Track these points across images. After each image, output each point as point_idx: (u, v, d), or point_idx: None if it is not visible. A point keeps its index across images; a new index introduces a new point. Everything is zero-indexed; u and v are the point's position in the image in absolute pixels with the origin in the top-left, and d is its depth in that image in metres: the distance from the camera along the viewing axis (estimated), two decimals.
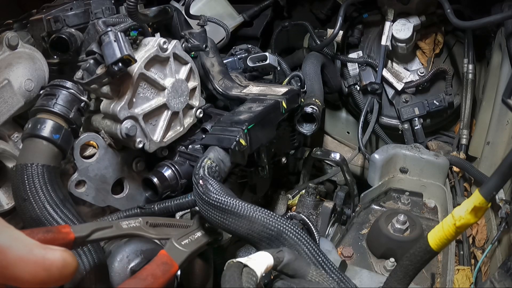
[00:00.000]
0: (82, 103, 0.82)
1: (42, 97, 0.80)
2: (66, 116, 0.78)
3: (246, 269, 0.53)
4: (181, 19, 1.11)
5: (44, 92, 0.81)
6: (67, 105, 0.79)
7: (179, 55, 0.93)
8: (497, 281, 0.72)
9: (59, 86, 0.80)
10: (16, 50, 0.86)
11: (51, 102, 0.78)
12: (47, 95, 0.80)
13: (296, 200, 1.40)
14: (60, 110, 0.77)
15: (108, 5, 0.98)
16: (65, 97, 0.80)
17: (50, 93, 0.80)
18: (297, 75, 1.22)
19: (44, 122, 0.76)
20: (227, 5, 1.70)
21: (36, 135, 0.74)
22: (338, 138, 1.81)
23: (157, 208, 0.82)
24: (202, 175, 0.73)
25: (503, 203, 1.07)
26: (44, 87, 0.82)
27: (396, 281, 0.61)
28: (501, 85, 1.26)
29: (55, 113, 0.77)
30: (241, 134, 0.84)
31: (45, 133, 0.74)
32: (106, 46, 0.76)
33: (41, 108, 0.78)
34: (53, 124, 0.76)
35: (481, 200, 0.52)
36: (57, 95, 0.79)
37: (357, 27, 1.59)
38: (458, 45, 1.53)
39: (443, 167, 1.28)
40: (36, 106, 0.79)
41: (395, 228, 1.07)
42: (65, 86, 0.80)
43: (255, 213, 0.64)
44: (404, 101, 1.52)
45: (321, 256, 0.63)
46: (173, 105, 0.92)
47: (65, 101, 0.79)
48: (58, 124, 0.77)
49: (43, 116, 0.76)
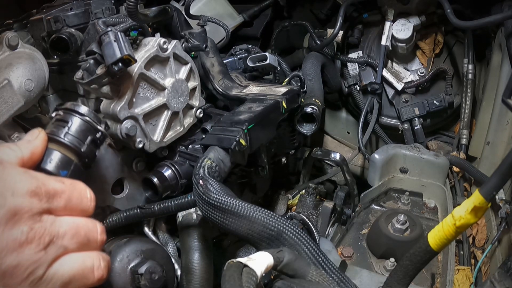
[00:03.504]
0: (98, 134, 0.71)
1: (54, 121, 0.69)
2: (77, 149, 0.67)
3: (246, 269, 0.53)
4: (181, 19, 1.11)
5: (56, 116, 0.70)
6: (80, 135, 0.68)
7: (179, 55, 0.93)
8: (497, 281, 0.72)
9: (73, 111, 0.69)
10: (16, 50, 0.86)
11: (62, 131, 0.67)
12: (59, 120, 0.69)
13: (296, 200, 1.40)
14: (71, 142, 0.66)
15: (108, 5, 0.98)
16: (78, 125, 0.68)
17: (62, 119, 0.69)
18: (297, 75, 1.22)
19: (51, 154, 0.64)
20: (227, 5, 1.69)
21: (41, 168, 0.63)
22: (338, 138, 1.81)
23: (157, 208, 0.82)
24: (202, 175, 0.73)
25: (503, 203, 1.07)
26: (57, 109, 0.71)
27: (396, 281, 0.61)
28: (501, 85, 1.26)
29: (65, 145, 0.66)
30: (241, 134, 0.84)
31: (51, 168, 0.63)
32: (106, 46, 0.76)
33: (50, 136, 0.66)
34: (62, 157, 0.65)
35: (481, 200, 0.52)
36: (69, 123, 0.68)
37: (357, 27, 1.59)
38: (458, 45, 1.53)
39: (443, 167, 1.28)
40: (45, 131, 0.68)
41: (395, 228, 1.07)
42: (80, 112, 0.69)
43: (255, 213, 0.64)
44: (404, 101, 1.52)
45: (321, 256, 0.63)
46: (173, 105, 0.92)
47: (78, 130, 0.68)
48: (67, 158, 0.65)
49: (51, 147, 0.65)
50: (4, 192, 0.43)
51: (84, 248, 0.51)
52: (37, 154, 0.57)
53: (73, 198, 0.52)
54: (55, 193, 0.49)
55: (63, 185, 0.51)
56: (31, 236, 0.44)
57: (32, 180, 0.47)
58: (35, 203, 0.46)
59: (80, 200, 0.53)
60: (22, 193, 0.45)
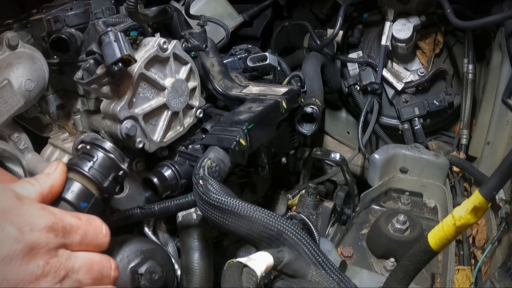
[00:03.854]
0: (121, 172, 0.71)
1: (79, 154, 0.70)
2: (99, 184, 0.67)
3: (246, 269, 0.53)
4: (181, 19, 1.11)
5: (82, 149, 0.71)
6: (104, 171, 0.68)
7: (179, 55, 0.93)
8: (497, 281, 0.72)
9: (99, 147, 0.70)
10: (16, 50, 0.86)
11: (87, 165, 0.67)
12: (84, 153, 0.70)
13: (296, 200, 1.40)
14: (94, 176, 0.66)
15: (108, 5, 0.98)
16: (103, 161, 0.69)
17: (88, 152, 0.69)
18: (297, 75, 1.22)
19: (72, 185, 0.64)
20: (227, 5, 1.69)
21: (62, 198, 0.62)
22: (338, 138, 1.81)
23: (157, 208, 0.82)
24: (202, 175, 0.73)
25: (503, 203, 1.07)
26: (84, 142, 0.71)
27: (396, 281, 0.61)
28: (501, 85, 1.26)
29: (88, 178, 0.66)
30: (241, 134, 0.84)
31: (72, 198, 0.63)
32: (106, 46, 0.76)
33: (74, 167, 0.66)
34: (83, 189, 0.65)
35: (481, 200, 0.52)
36: (95, 157, 0.68)
37: (357, 27, 1.59)
38: (458, 45, 1.53)
39: (443, 167, 1.28)
40: (69, 162, 0.68)
41: (395, 228, 1.07)
42: (106, 149, 0.70)
43: (255, 213, 0.64)
44: (404, 101, 1.52)
45: (321, 256, 0.63)
46: (173, 105, 0.92)
47: (102, 166, 0.68)
48: (89, 191, 0.65)
49: (74, 177, 0.65)
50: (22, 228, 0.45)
51: (97, 283, 0.53)
52: (56, 187, 0.58)
53: (89, 234, 0.54)
54: (71, 229, 0.51)
55: (79, 221, 0.53)
56: (47, 270, 0.46)
57: (50, 216, 0.49)
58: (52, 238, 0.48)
59: (96, 236, 0.55)
60: (40, 229, 0.47)
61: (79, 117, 0.99)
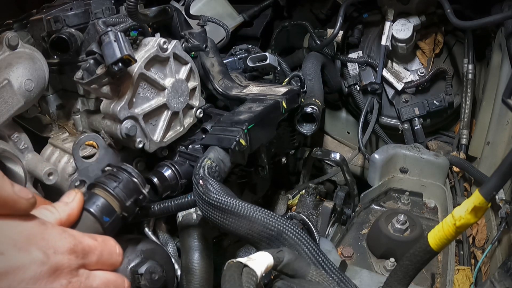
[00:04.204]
0: (141, 196, 0.76)
1: (106, 175, 0.76)
2: (122, 202, 0.72)
3: (246, 269, 0.53)
4: (181, 19, 1.11)
5: (109, 171, 0.77)
6: (127, 192, 0.73)
7: (179, 55, 0.93)
8: (497, 281, 0.72)
9: (125, 171, 0.76)
10: (16, 50, 0.86)
11: (112, 184, 0.73)
12: (111, 175, 0.75)
13: (296, 200, 1.40)
14: (118, 194, 0.72)
15: (108, 5, 0.98)
16: (127, 183, 0.74)
17: (114, 174, 0.75)
18: (297, 75, 1.22)
19: (98, 200, 0.69)
20: (227, 5, 1.70)
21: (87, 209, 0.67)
22: (338, 138, 1.81)
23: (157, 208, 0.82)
24: (202, 175, 0.73)
25: (503, 203, 1.07)
26: (111, 166, 0.78)
27: (396, 281, 0.61)
28: (501, 85, 1.26)
29: (113, 195, 0.71)
30: (241, 134, 0.84)
31: (96, 211, 0.67)
32: (106, 46, 0.76)
33: (100, 184, 0.72)
34: (107, 205, 0.69)
35: (481, 200, 0.52)
36: (120, 179, 0.74)
37: (357, 27, 1.59)
38: (458, 45, 1.53)
39: (443, 167, 1.28)
40: (96, 180, 0.74)
41: (395, 228, 1.07)
42: (131, 173, 0.76)
43: (255, 213, 0.64)
44: (404, 101, 1.52)
45: (321, 256, 0.63)
46: (173, 105, 0.92)
47: (126, 187, 0.74)
48: (112, 207, 0.70)
49: (99, 193, 0.71)
50: (47, 251, 0.50)
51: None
52: (74, 216, 0.62)
53: (104, 254, 0.58)
54: (89, 250, 0.56)
55: (96, 242, 0.57)
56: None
57: (70, 239, 0.53)
58: (73, 259, 0.52)
59: (110, 256, 0.59)
60: (63, 251, 0.51)
61: (79, 117, 1.00)
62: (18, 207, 0.50)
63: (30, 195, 0.51)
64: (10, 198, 0.49)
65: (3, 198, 0.48)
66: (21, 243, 0.48)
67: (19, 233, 0.49)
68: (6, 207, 0.49)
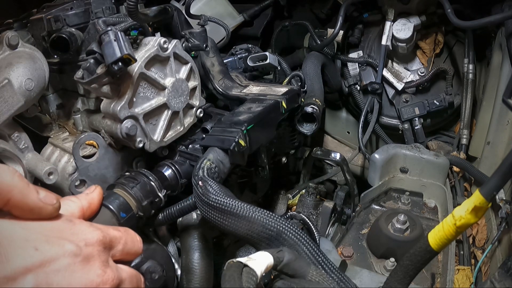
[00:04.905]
0: (157, 198, 0.82)
1: (125, 177, 0.81)
2: (138, 201, 0.77)
3: (246, 269, 0.53)
4: (182, 19, 1.11)
5: (128, 174, 0.83)
6: (144, 193, 0.79)
7: (180, 55, 0.93)
8: (497, 281, 0.72)
9: (143, 175, 0.82)
10: (16, 49, 0.86)
11: (131, 184, 0.78)
12: (130, 177, 0.81)
13: (296, 199, 1.40)
14: (135, 194, 0.77)
15: (109, 5, 0.98)
16: (145, 185, 0.80)
17: (133, 177, 0.81)
18: (298, 74, 1.22)
19: (117, 198, 0.75)
20: (228, 4, 1.69)
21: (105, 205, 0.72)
22: (338, 138, 1.81)
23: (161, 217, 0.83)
24: (201, 176, 0.73)
25: (503, 203, 1.07)
26: (129, 171, 0.84)
27: (396, 281, 0.61)
28: (502, 85, 1.26)
29: (131, 194, 0.77)
30: (240, 135, 0.84)
31: (114, 207, 0.72)
32: (106, 46, 0.76)
33: (119, 184, 0.78)
34: (125, 202, 0.75)
35: (482, 200, 0.52)
36: (139, 181, 0.80)
37: (358, 26, 1.59)
38: (459, 45, 1.53)
39: (443, 167, 1.28)
40: (116, 181, 0.80)
41: (395, 228, 1.07)
42: (148, 177, 0.82)
43: (254, 214, 0.64)
44: (404, 101, 1.52)
45: (321, 256, 0.63)
46: (173, 104, 0.92)
47: (143, 189, 0.79)
48: (129, 205, 0.75)
49: (118, 192, 0.76)
50: (78, 243, 0.52)
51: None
52: (95, 205, 0.66)
53: (128, 242, 0.61)
54: (115, 240, 0.59)
55: (120, 233, 0.61)
56: (105, 278, 0.53)
57: (98, 231, 0.56)
58: (103, 250, 0.56)
59: (133, 244, 0.62)
60: (93, 243, 0.54)
61: (79, 116, 0.99)
62: (44, 213, 0.53)
63: (54, 201, 0.54)
64: (36, 206, 0.52)
65: (30, 207, 0.51)
66: (53, 239, 0.51)
67: (50, 230, 0.52)
68: (34, 214, 0.52)
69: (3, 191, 0.49)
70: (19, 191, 0.50)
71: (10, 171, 0.50)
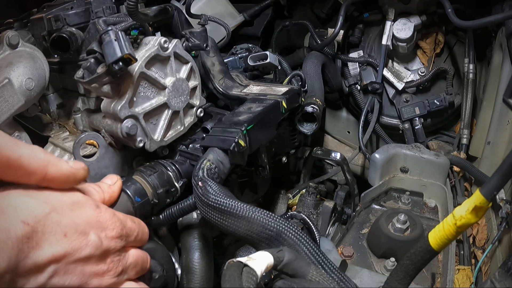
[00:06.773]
0: (173, 188, 0.85)
1: (145, 166, 0.85)
2: (154, 189, 0.80)
3: (246, 269, 0.53)
4: (182, 18, 1.11)
5: (149, 164, 0.86)
6: (161, 181, 0.82)
7: (180, 54, 0.93)
8: (497, 281, 0.71)
9: (162, 165, 0.86)
10: (16, 49, 0.86)
11: (149, 172, 0.81)
12: (149, 166, 0.85)
13: (296, 199, 1.40)
14: (152, 181, 0.80)
15: (109, 4, 0.98)
16: (162, 174, 0.83)
17: (152, 166, 0.85)
18: (298, 74, 1.22)
19: (135, 183, 0.78)
20: (228, 4, 1.69)
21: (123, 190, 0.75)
22: (338, 138, 1.81)
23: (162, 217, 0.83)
24: (201, 177, 0.73)
25: (503, 203, 1.07)
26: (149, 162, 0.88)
27: (396, 281, 0.61)
28: (502, 85, 1.26)
29: (148, 181, 0.80)
30: (240, 135, 0.84)
31: (130, 192, 0.75)
32: (106, 45, 0.76)
33: (138, 171, 0.82)
34: (141, 188, 0.78)
35: (482, 199, 0.52)
36: (157, 170, 0.83)
37: (358, 26, 1.59)
38: (459, 45, 1.53)
39: (444, 166, 1.28)
40: (136, 169, 0.84)
41: (395, 228, 1.07)
42: (166, 168, 0.85)
43: (253, 214, 0.64)
44: (404, 101, 1.52)
45: (321, 256, 0.63)
46: (173, 104, 0.92)
47: (160, 178, 0.82)
48: (145, 191, 0.78)
49: (135, 178, 0.79)
50: (100, 235, 0.56)
51: (137, 274, 0.65)
52: (114, 198, 0.70)
53: (140, 233, 0.66)
54: (131, 233, 0.63)
55: (134, 224, 0.65)
56: (111, 266, 0.58)
57: (118, 223, 0.60)
58: (119, 242, 0.60)
59: (143, 235, 0.67)
60: (112, 236, 0.58)
61: (80, 116, 1.00)
62: (79, 177, 0.58)
63: (83, 164, 0.59)
64: (70, 173, 0.57)
65: (66, 175, 0.56)
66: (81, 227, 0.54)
67: (80, 217, 0.55)
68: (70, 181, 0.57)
69: (40, 166, 0.53)
70: (53, 164, 0.54)
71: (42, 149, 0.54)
